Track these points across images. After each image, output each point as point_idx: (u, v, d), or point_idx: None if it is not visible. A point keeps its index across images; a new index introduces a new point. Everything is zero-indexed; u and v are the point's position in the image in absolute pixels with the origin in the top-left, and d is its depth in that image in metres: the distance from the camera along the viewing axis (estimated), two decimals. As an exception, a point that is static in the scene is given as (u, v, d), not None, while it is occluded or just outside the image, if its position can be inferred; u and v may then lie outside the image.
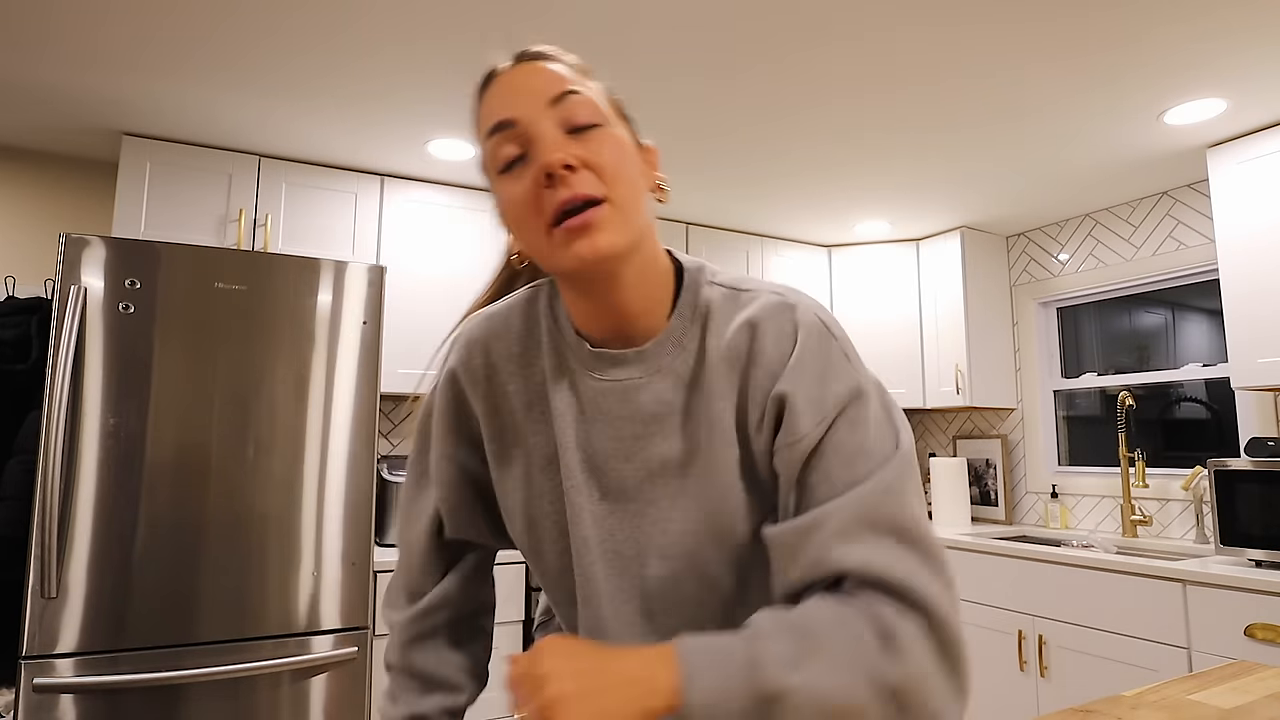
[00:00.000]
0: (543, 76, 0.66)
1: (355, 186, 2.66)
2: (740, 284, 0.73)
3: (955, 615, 0.59)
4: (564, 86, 0.65)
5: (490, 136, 0.66)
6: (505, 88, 0.66)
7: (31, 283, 2.52)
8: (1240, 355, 2.32)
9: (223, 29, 1.83)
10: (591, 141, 0.64)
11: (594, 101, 0.66)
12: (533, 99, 0.64)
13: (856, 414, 0.65)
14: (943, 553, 0.62)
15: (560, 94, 0.64)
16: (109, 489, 1.87)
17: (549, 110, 0.64)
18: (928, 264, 3.42)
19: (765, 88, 2.11)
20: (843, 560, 0.59)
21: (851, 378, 0.67)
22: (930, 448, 3.75)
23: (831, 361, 0.67)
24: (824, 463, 0.64)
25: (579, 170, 0.62)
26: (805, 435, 0.64)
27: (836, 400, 0.65)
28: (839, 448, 0.64)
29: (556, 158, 0.61)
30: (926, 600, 0.57)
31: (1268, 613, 1.91)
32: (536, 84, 0.65)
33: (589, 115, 0.65)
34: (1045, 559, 2.44)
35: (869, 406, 0.66)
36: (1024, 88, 2.09)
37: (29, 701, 1.75)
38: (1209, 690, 1.01)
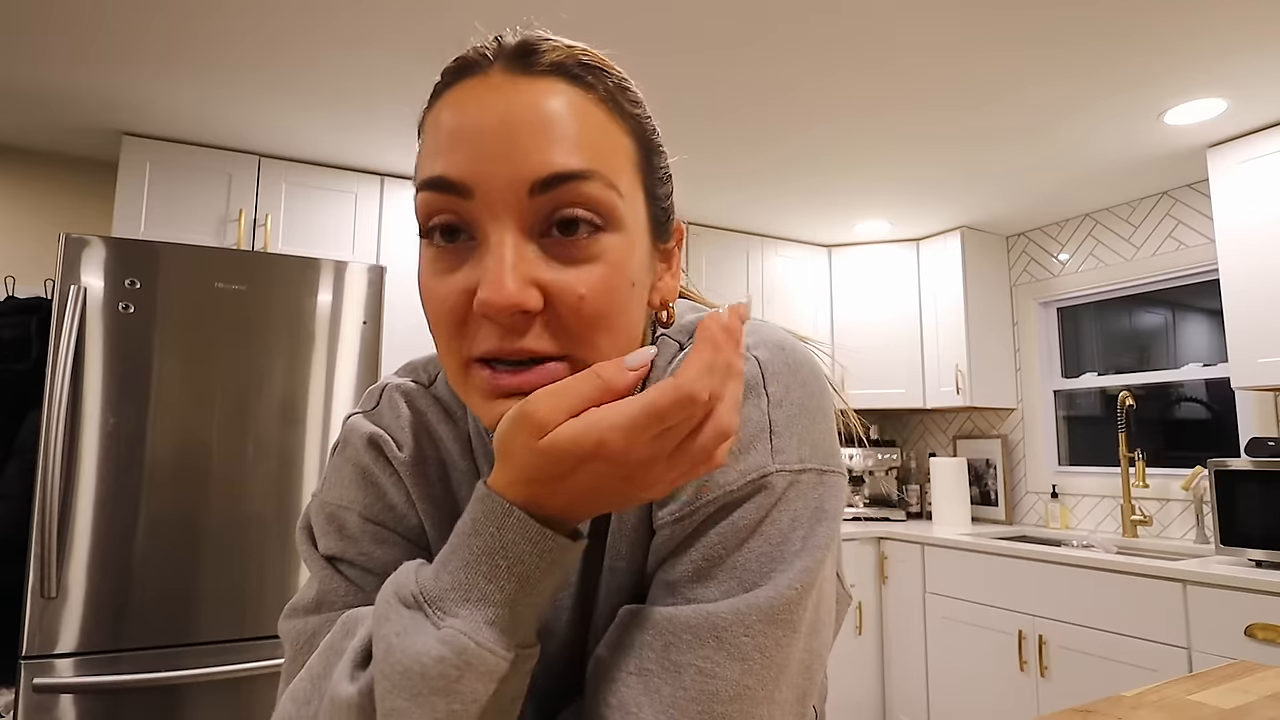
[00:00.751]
0: (532, 125, 0.42)
1: (355, 186, 2.66)
2: (687, 332, 0.54)
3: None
4: (562, 165, 0.42)
5: (422, 189, 0.44)
6: (472, 117, 0.43)
7: (31, 283, 2.51)
8: (1240, 355, 2.32)
9: (222, 29, 1.83)
10: (576, 266, 0.43)
11: (603, 189, 0.43)
12: (506, 167, 0.42)
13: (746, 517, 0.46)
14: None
15: (550, 177, 0.42)
16: (109, 489, 1.87)
17: (526, 200, 0.42)
18: (928, 264, 3.42)
19: (765, 88, 2.11)
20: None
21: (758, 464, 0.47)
22: (930, 448, 3.75)
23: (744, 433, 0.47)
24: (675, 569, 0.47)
25: (534, 316, 0.42)
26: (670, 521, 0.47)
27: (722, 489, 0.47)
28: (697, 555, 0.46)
29: (505, 300, 0.40)
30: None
31: (1268, 613, 1.91)
32: (516, 139, 0.42)
33: (587, 214, 0.43)
34: (1045, 559, 2.44)
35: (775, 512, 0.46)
36: (1024, 88, 2.09)
37: (29, 701, 1.75)
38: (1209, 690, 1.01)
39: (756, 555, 0.45)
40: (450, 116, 0.44)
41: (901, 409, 3.57)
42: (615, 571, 0.52)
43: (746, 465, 0.46)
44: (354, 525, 0.55)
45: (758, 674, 0.44)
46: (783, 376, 0.49)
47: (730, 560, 0.46)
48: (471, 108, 0.43)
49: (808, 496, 0.47)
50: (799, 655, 0.46)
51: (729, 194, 2.96)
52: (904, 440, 3.89)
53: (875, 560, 3.08)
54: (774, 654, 0.44)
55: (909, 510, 3.63)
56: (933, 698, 2.81)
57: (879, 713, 3.01)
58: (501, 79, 0.44)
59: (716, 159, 2.61)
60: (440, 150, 0.44)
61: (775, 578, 0.45)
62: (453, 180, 0.42)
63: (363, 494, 0.56)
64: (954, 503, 3.21)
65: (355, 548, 0.55)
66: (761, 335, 0.52)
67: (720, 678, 0.43)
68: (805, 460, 0.48)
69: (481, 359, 0.43)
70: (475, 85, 0.44)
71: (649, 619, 0.45)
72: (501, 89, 0.44)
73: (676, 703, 0.43)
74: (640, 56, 1.94)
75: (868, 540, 3.08)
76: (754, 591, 0.44)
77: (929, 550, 2.87)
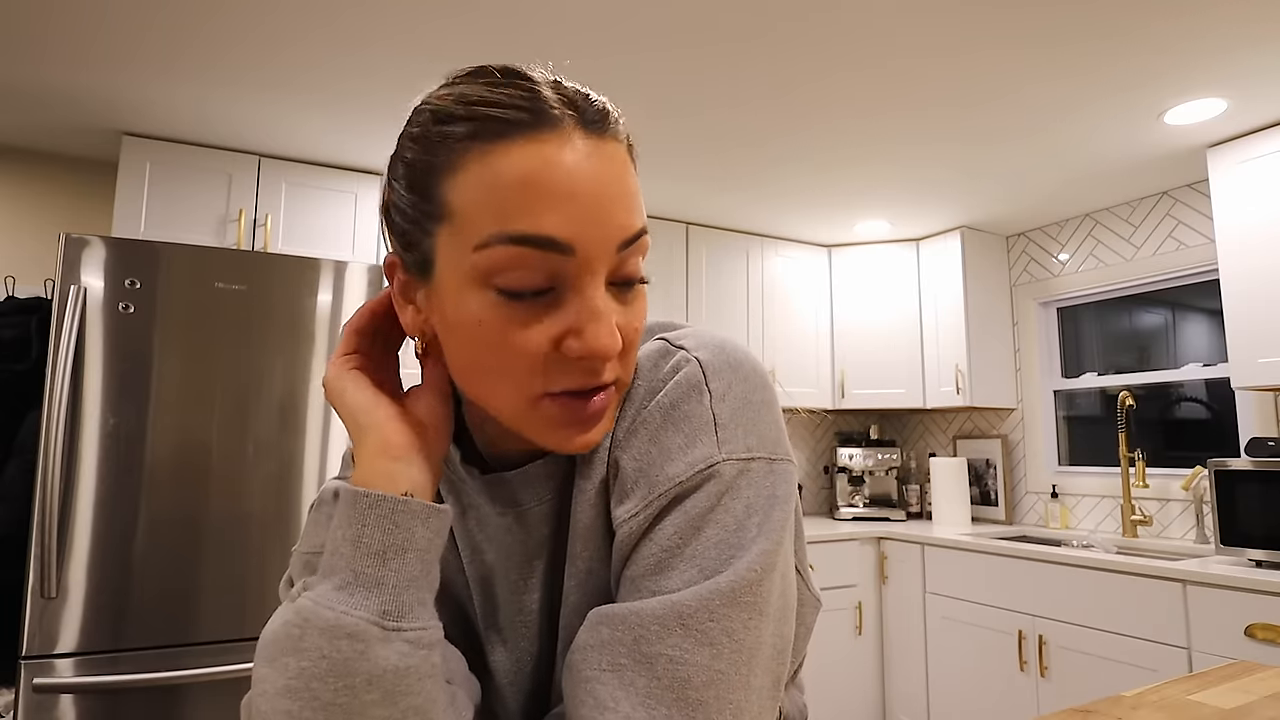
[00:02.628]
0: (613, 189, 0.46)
1: (355, 186, 2.66)
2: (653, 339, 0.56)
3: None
4: (636, 224, 0.48)
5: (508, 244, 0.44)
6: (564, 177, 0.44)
7: (31, 283, 2.51)
8: (1240, 355, 2.32)
9: (223, 28, 1.83)
10: (632, 305, 0.49)
11: (647, 242, 0.49)
12: (602, 229, 0.46)
13: (698, 505, 0.48)
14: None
15: (635, 235, 0.47)
16: (109, 489, 1.87)
17: (614, 256, 0.47)
18: (928, 264, 3.42)
19: (765, 89, 2.11)
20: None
21: (706, 455, 0.48)
22: (930, 448, 3.75)
23: (690, 428, 0.49)
24: (636, 565, 0.49)
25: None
26: (626, 519, 0.49)
27: (673, 481, 0.48)
28: (656, 547, 0.48)
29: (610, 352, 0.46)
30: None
31: (1268, 613, 1.91)
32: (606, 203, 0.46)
33: (641, 269, 0.49)
34: (1045, 559, 2.44)
35: (728, 499, 0.48)
36: (1024, 87, 2.09)
37: (29, 701, 1.75)
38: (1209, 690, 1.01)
39: (714, 543, 0.47)
40: (539, 173, 0.44)
41: (901, 409, 3.57)
42: (580, 574, 0.53)
43: (694, 457, 0.48)
44: None
45: (728, 658, 0.45)
46: (724, 373, 0.51)
47: (689, 550, 0.47)
48: (563, 168, 0.45)
49: (759, 484, 0.49)
50: (769, 639, 0.47)
51: (729, 194, 2.96)
52: (904, 440, 3.89)
53: (875, 560, 3.08)
54: (742, 637, 0.45)
55: (909, 510, 3.63)
56: (933, 698, 2.81)
57: (879, 713, 3.01)
58: (584, 142, 0.46)
59: (716, 159, 2.61)
60: (532, 203, 0.44)
61: (735, 563, 0.46)
62: (559, 240, 0.44)
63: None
64: (954, 503, 3.21)
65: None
66: (701, 339, 0.54)
67: (691, 664, 0.44)
68: (753, 449, 0.50)
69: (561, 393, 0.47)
70: (557, 143, 0.45)
71: (616, 615, 0.46)
72: (588, 154, 0.46)
73: (652, 693, 0.44)
74: (639, 53, 1.94)
75: (868, 540, 3.08)
76: (715, 578, 0.46)
77: (929, 550, 2.87)
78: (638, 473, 0.50)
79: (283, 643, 0.42)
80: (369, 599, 0.43)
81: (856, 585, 3.02)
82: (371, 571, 0.44)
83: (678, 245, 3.25)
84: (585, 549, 0.53)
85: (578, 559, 0.53)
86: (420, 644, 0.44)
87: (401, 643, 0.43)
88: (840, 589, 2.98)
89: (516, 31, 1.83)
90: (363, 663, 0.42)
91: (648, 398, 0.51)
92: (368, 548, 0.44)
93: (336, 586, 0.43)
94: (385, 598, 0.44)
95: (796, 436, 3.81)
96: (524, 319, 0.46)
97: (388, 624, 0.43)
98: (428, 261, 0.48)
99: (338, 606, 0.43)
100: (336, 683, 0.41)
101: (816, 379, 3.49)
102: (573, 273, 0.45)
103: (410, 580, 0.45)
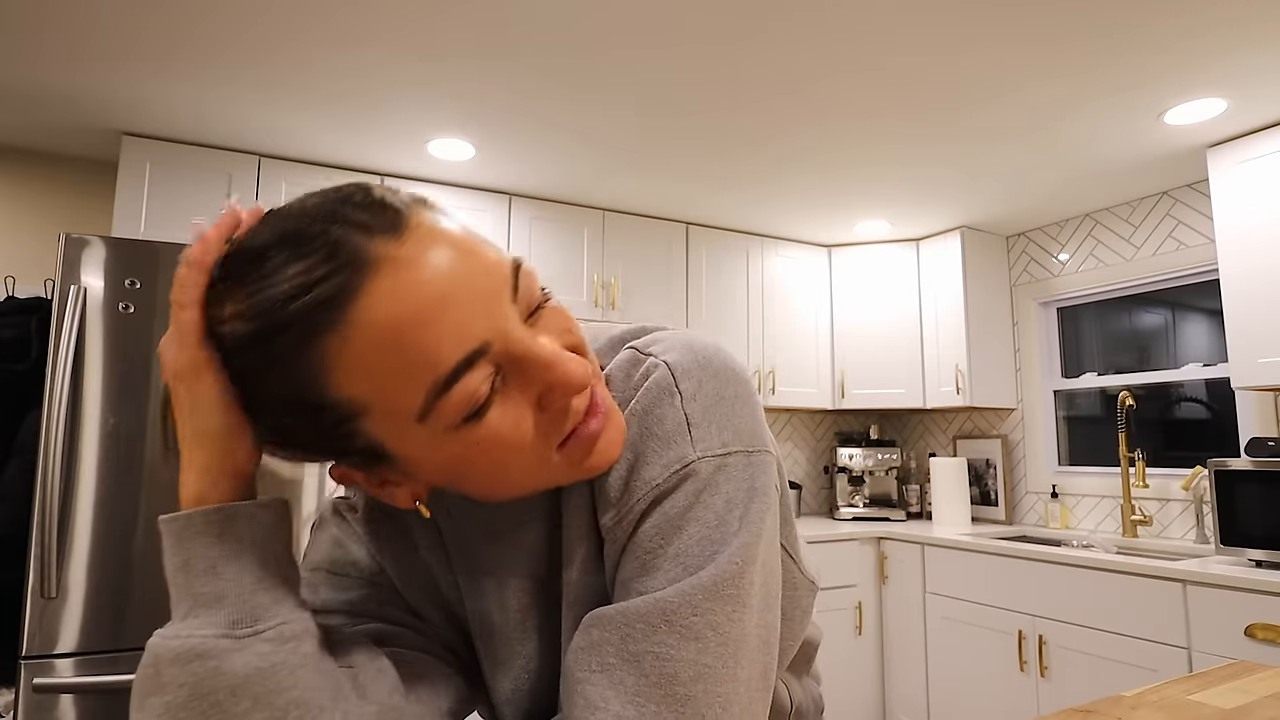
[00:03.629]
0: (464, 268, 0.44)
1: (355, 186, 2.66)
2: (603, 356, 0.57)
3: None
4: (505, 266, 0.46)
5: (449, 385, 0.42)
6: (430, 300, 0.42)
7: (31, 283, 2.52)
8: (1240, 355, 2.32)
9: (222, 28, 1.83)
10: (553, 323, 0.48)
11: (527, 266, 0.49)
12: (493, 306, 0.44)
13: (676, 505, 0.48)
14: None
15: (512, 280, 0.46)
16: (109, 489, 1.87)
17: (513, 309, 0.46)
18: (928, 264, 3.42)
19: (765, 88, 2.11)
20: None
21: (680, 455, 0.48)
22: (930, 448, 3.75)
23: (663, 431, 0.49)
24: (623, 569, 0.50)
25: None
26: (611, 527, 0.50)
27: (650, 485, 0.49)
28: (639, 550, 0.48)
29: (579, 370, 0.46)
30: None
31: (1268, 613, 1.91)
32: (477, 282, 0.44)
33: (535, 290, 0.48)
34: (1045, 559, 2.44)
35: (706, 496, 0.48)
36: (1024, 87, 2.09)
37: (29, 701, 1.75)
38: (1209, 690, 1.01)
39: (696, 540, 0.47)
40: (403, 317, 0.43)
41: (901, 409, 3.57)
42: (574, 585, 0.54)
43: (669, 458, 0.49)
44: (322, 580, 0.60)
45: (714, 651, 0.45)
46: (693, 372, 0.51)
47: (671, 549, 0.47)
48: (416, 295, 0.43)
49: (738, 478, 0.49)
50: (754, 630, 0.48)
51: (729, 194, 2.96)
52: (904, 440, 3.89)
53: (875, 560, 3.08)
54: (727, 630, 0.46)
55: (909, 510, 3.63)
56: (933, 698, 2.81)
57: (879, 713, 3.01)
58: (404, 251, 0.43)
59: (716, 159, 2.61)
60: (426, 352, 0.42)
61: (716, 558, 0.47)
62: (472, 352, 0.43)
63: (330, 554, 0.61)
64: (954, 503, 3.21)
65: (318, 597, 0.59)
66: (669, 342, 0.53)
67: (677, 659, 0.44)
68: (728, 444, 0.50)
69: (565, 440, 0.48)
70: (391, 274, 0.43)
71: (604, 617, 0.47)
72: (414, 261, 0.43)
73: (641, 690, 0.44)
74: (636, 51, 1.94)
75: (868, 540, 3.08)
76: (697, 573, 0.46)
77: (929, 550, 2.87)
78: (618, 481, 0.50)
79: (143, 685, 0.42)
80: (214, 616, 0.43)
81: (856, 585, 3.02)
82: (209, 590, 0.43)
83: (678, 245, 3.25)
84: (578, 561, 0.53)
85: (573, 569, 0.53)
86: (284, 639, 0.44)
87: (261, 644, 0.43)
88: (840, 589, 2.98)
89: (510, 28, 1.83)
90: (220, 678, 0.41)
91: (621, 408, 0.52)
92: (197, 568, 0.44)
93: (181, 617, 0.43)
94: (231, 609, 0.43)
95: (797, 436, 3.81)
96: (501, 419, 0.45)
97: (239, 632, 0.43)
98: (375, 453, 0.46)
99: (182, 634, 0.42)
100: (201, 704, 0.41)
101: (816, 379, 3.49)
102: (501, 353, 0.44)
103: (255, 582, 0.44)
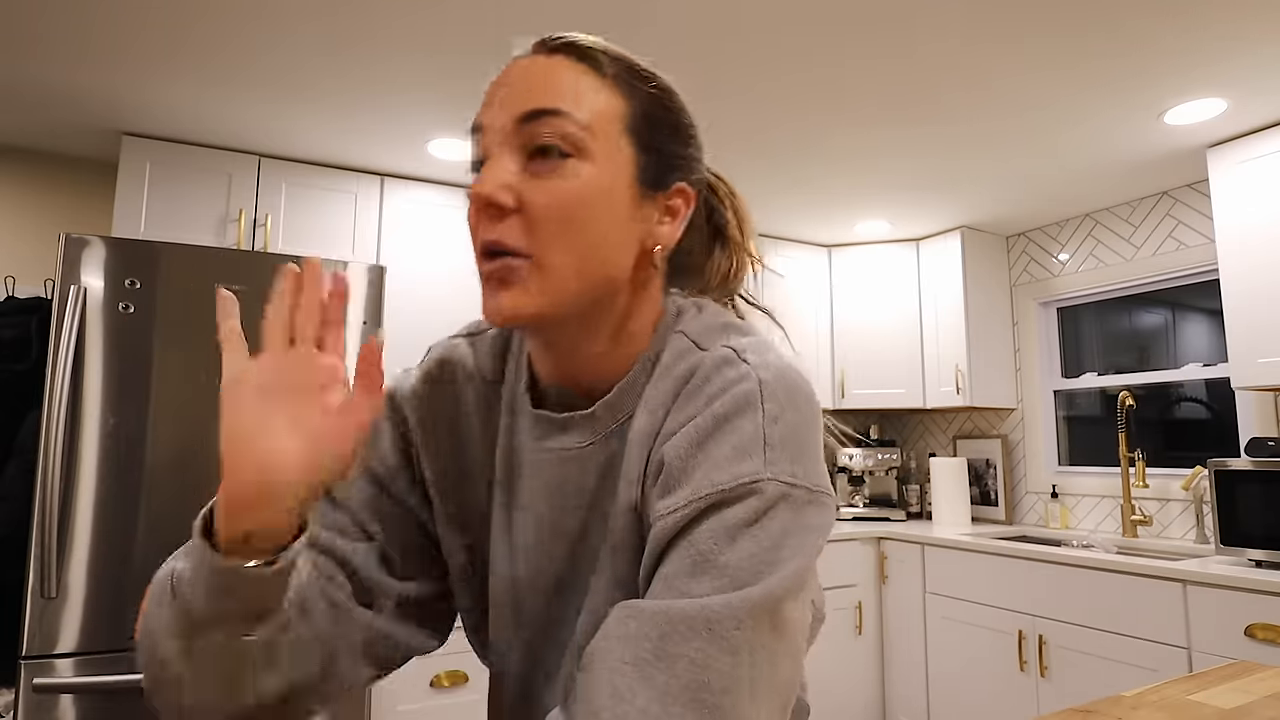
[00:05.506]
0: (531, 82, 0.55)
1: (355, 186, 2.66)
2: (704, 337, 0.60)
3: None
4: (539, 104, 0.54)
5: (470, 132, 0.59)
6: (496, 83, 0.58)
7: (31, 283, 2.52)
8: (1240, 355, 2.32)
9: (223, 29, 1.83)
10: (543, 179, 0.54)
11: (573, 125, 0.54)
12: (506, 109, 0.55)
13: (737, 516, 0.49)
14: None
15: (530, 112, 0.54)
16: (109, 489, 1.87)
17: (515, 127, 0.55)
18: (928, 264, 3.42)
19: (766, 88, 2.11)
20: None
21: (752, 470, 0.50)
22: (930, 448, 3.75)
23: (739, 440, 0.51)
24: (670, 564, 0.50)
25: (508, 214, 0.53)
26: (664, 515, 0.51)
27: (715, 487, 0.50)
28: (691, 550, 0.49)
29: (484, 190, 0.53)
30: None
31: (1268, 613, 1.91)
32: (518, 90, 0.56)
33: (555, 141, 0.54)
34: (1045, 559, 2.44)
35: (766, 519, 0.49)
36: (1024, 88, 2.09)
37: (29, 701, 1.75)
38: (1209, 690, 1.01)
39: (748, 555, 0.48)
40: (491, 85, 0.59)
41: (901, 409, 3.57)
42: (619, 529, 0.57)
43: (740, 470, 0.50)
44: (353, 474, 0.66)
45: (746, 669, 0.46)
46: (780, 397, 0.53)
47: (723, 558, 0.48)
48: (500, 76, 0.58)
49: (800, 511, 0.51)
50: (785, 661, 0.48)
51: (729, 194, 2.95)
52: (904, 440, 3.89)
53: (875, 560, 3.08)
54: (762, 653, 0.47)
55: (909, 510, 3.63)
56: (933, 698, 2.81)
57: (879, 713, 3.01)
58: (529, 59, 0.58)
59: (716, 159, 2.60)
60: (481, 106, 0.58)
61: (766, 579, 0.47)
62: (475, 122, 0.57)
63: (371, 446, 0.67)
64: (954, 503, 3.21)
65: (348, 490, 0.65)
66: (766, 358, 0.55)
67: (712, 669, 0.45)
68: (798, 477, 0.51)
69: (481, 250, 0.55)
70: (510, 64, 0.59)
71: (645, 612, 0.47)
72: (521, 66, 0.58)
73: (669, 690, 0.45)
74: (636, 50, 1.94)
75: (868, 540, 3.08)
76: (746, 589, 0.47)
77: (929, 550, 2.87)
78: (682, 472, 0.51)
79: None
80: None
81: (856, 585, 3.02)
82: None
83: (678, 245, 3.25)
84: (619, 521, 0.57)
85: (614, 533, 0.57)
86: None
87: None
88: (840, 589, 2.97)
89: (510, 28, 1.83)
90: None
91: (704, 402, 0.54)
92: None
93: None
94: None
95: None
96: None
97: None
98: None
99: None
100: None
101: (816, 379, 3.49)
102: (487, 145, 0.56)
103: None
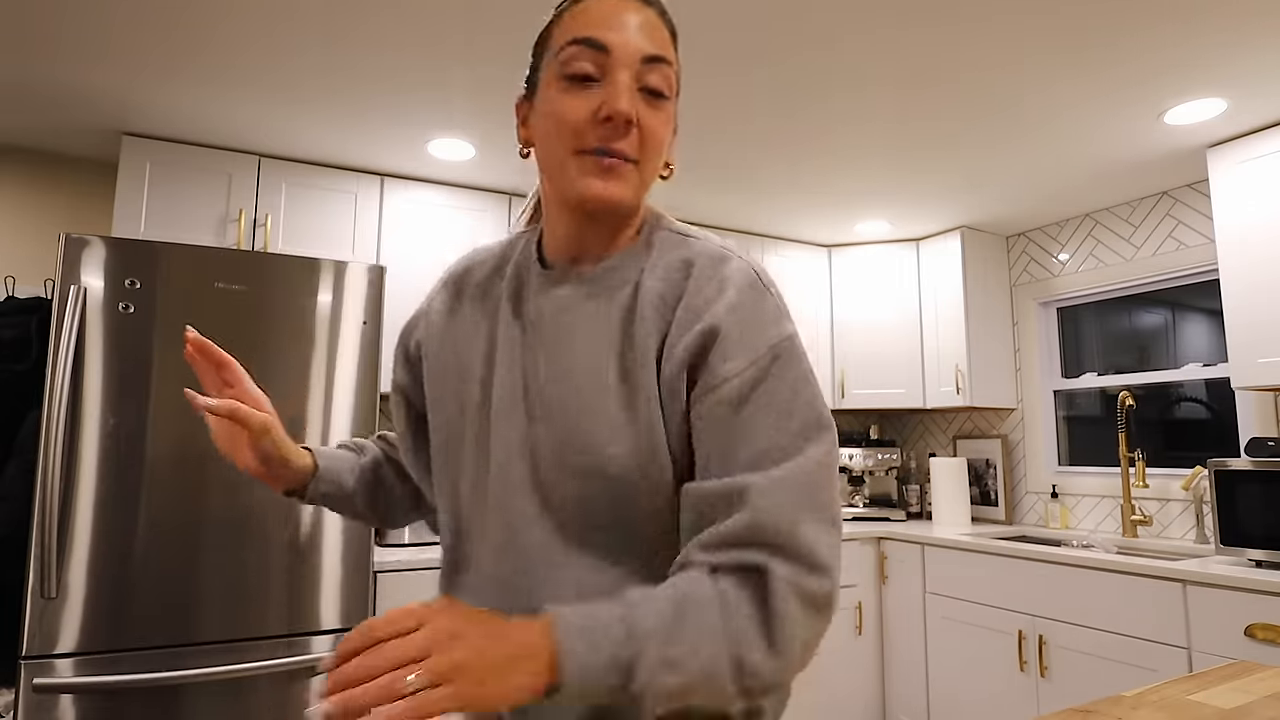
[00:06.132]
0: (649, 28, 0.69)
1: (355, 186, 2.66)
2: (688, 232, 0.76)
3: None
4: (661, 52, 0.69)
5: (572, 45, 0.68)
6: (612, 11, 0.69)
7: (31, 283, 2.52)
8: (1240, 355, 2.32)
9: (223, 29, 1.83)
10: (654, 111, 0.69)
11: (672, 76, 0.71)
12: (633, 44, 0.68)
13: (788, 366, 0.65)
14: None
15: (654, 57, 0.69)
16: (109, 489, 1.87)
17: (639, 64, 0.68)
18: (928, 264, 3.42)
19: (767, 89, 2.11)
20: (791, 539, 0.59)
21: (785, 328, 0.67)
22: (930, 448, 3.75)
23: (764, 308, 0.67)
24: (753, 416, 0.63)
25: (632, 129, 0.68)
26: (732, 376, 0.63)
27: (769, 344, 0.65)
28: (770, 400, 0.63)
29: (627, 110, 0.66)
30: (833, 589, 0.61)
31: (1268, 613, 1.91)
32: (642, 33, 0.69)
33: (663, 87, 0.69)
34: (1045, 559, 2.44)
35: (800, 363, 0.66)
36: (1024, 88, 2.09)
37: (29, 701, 1.75)
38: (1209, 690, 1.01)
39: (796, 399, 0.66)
40: (601, 11, 0.69)
41: (901, 409, 3.57)
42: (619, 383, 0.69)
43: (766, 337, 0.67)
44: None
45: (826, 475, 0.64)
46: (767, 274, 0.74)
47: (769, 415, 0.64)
48: (617, 10, 0.69)
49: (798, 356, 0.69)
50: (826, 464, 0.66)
51: (729, 194, 2.96)
52: (904, 440, 3.89)
53: (875, 560, 3.08)
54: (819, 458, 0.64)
55: (909, 510, 3.63)
56: (933, 698, 2.81)
57: (879, 713, 3.01)
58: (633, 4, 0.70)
59: (716, 159, 2.61)
60: (589, 25, 0.68)
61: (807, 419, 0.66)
62: (598, 40, 0.68)
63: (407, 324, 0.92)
64: (954, 503, 3.21)
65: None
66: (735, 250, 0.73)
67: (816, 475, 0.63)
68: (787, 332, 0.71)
69: (591, 151, 0.67)
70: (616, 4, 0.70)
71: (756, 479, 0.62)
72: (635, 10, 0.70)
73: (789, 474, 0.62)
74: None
75: (868, 540, 3.08)
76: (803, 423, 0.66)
77: (929, 550, 2.87)
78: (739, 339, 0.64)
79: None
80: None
81: (856, 585, 3.02)
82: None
83: (678, 245, 3.25)
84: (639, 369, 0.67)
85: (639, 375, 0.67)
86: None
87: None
88: (840, 589, 2.97)
89: (510, 28, 1.83)
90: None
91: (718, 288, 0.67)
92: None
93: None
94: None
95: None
96: (576, 96, 0.68)
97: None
98: (534, 84, 0.74)
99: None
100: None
101: (816, 379, 3.49)
102: (609, 69, 0.67)
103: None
